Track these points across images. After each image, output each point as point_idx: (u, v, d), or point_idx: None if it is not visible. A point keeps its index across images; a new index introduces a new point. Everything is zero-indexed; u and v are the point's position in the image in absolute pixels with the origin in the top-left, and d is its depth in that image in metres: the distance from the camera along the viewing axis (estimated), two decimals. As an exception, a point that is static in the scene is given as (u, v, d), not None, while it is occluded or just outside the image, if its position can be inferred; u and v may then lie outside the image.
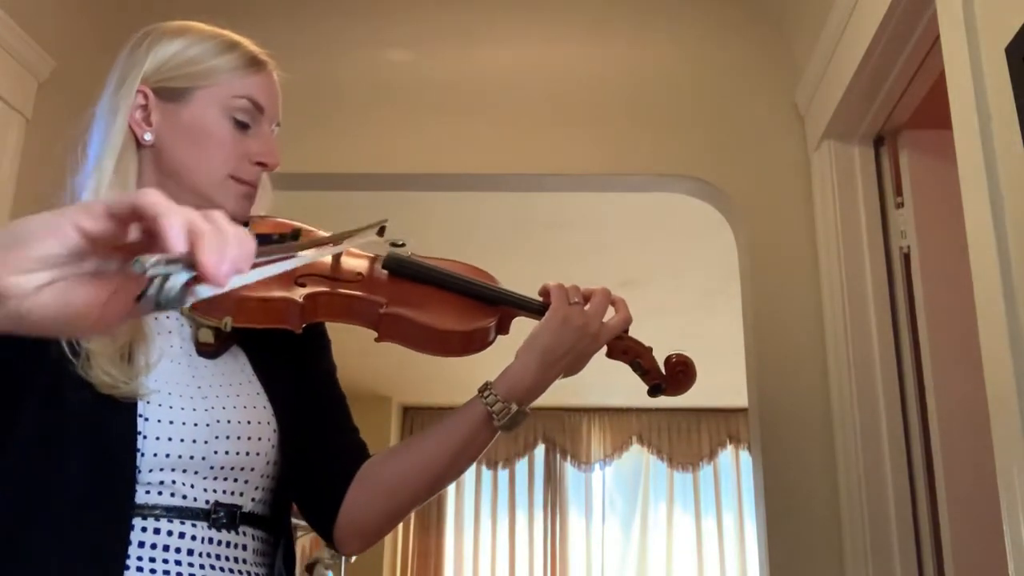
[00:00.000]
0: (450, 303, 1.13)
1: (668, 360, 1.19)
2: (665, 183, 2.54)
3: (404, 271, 1.16)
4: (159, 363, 1.01)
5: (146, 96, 1.08)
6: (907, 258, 2.14)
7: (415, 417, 6.70)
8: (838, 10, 2.11)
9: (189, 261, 0.56)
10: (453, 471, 1.15)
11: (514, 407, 1.10)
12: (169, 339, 1.05)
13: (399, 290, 1.13)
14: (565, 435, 6.78)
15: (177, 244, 0.56)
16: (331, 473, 1.16)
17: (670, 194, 2.60)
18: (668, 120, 2.51)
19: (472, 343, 1.12)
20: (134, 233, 0.59)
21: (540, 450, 6.80)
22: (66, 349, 0.96)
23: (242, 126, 1.09)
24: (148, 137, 1.08)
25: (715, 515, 6.60)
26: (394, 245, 1.18)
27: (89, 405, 0.95)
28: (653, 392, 1.19)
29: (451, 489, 6.64)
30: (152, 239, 0.58)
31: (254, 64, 1.12)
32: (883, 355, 2.12)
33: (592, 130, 2.50)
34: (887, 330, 2.14)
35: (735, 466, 6.67)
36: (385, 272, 1.15)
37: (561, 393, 1.19)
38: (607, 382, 6.36)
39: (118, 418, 0.96)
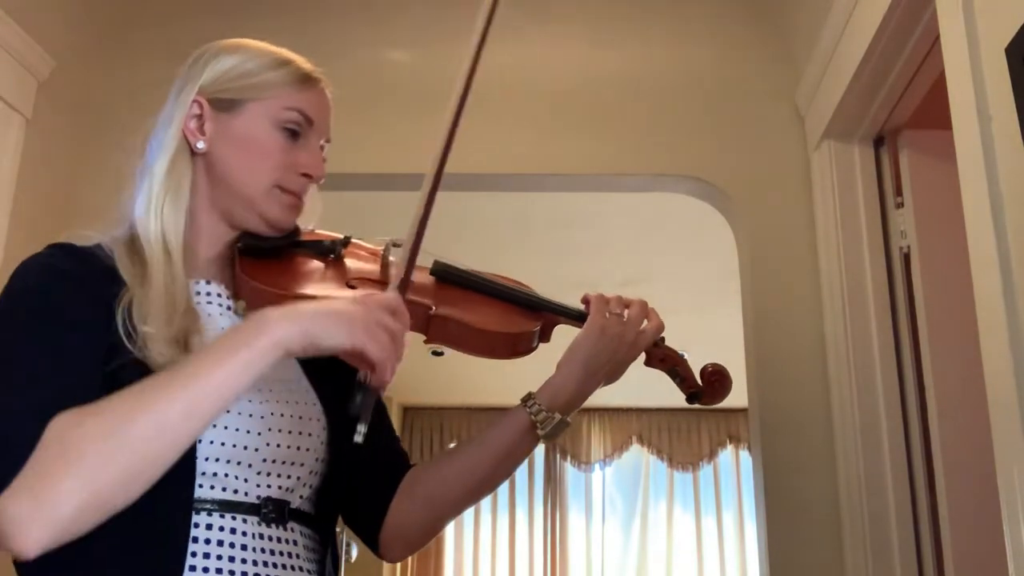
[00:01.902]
0: (495, 308, 1.18)
1: (704, 370, 1.24)
2: (665, 183, 2.54)
3: (450, 278, 1.20)
4: None
5: (201, 106, 1.12)
6: (907, 258, 2.14)
7: (415, 417, 6.70)
8: (838, 10, 2.11)
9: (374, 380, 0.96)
10: (494, 480, 1.20)
11: (557, 416, 1.15)
12: (221, 333, 1.07)
13: (446, 295, 1.17)
14: (565, 435, 6.78)
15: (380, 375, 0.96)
16: (377, 481, 1.19)
17: (670, 194, 2.60)
18: (668, 120, 2.51)
19: (517, 346, 1.16)
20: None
21: (540, 450, 6.79)
22: (123, 336, 0.97)
23: (291, 138, 1.13)
24: (201, 145, 1.12)
25: (715, 515, 6.60)
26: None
27: None
28: (691, 399, 1.25)
29: (451, 489, 6.63)
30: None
31: (306, 80, 1.16)
32: (883, 355, 2.12)
33: (592, 130, 2.50)
34: (887, 330, 2.14)
35: (735, 466, 6.67)
36: (432, 278, 1.19)
37: None
38: (607, 382, 6.36)
39: None
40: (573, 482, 6.77)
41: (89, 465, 0.84)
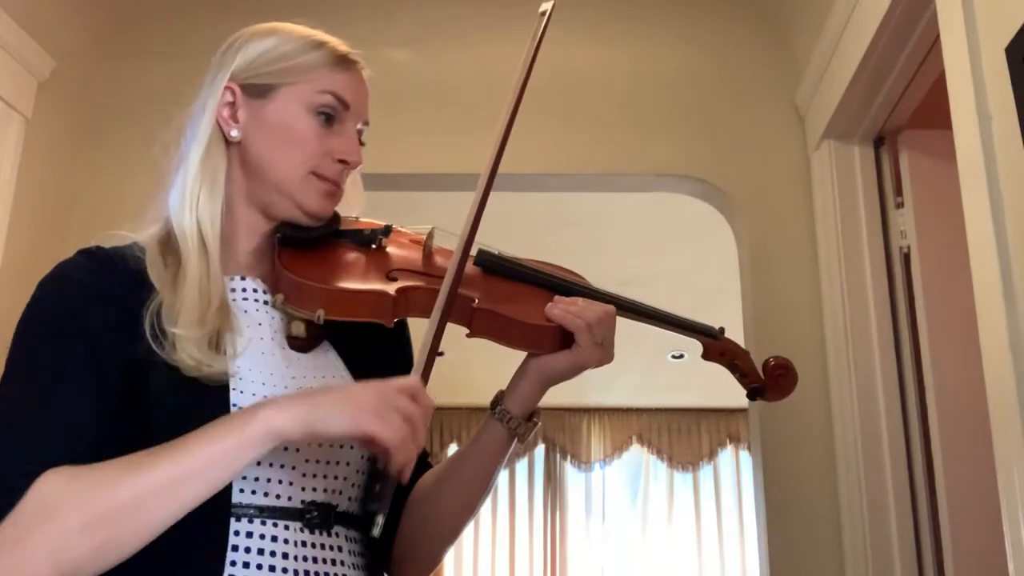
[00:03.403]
0: (543, 300, 1.10)
1: (766, 363, 1.19)
2: (665, 183, 2.54)
3: (497, 268, 1.15)
4: (247, 352, 0.99)
5: (234, 93, 1.08)
6: (907, 258, 2.14)
7: (415, 417, 6.69)
8: (838, 10, 2.11)
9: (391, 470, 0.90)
10: (487, 491, 1.16)
11: (536, 422, 1.13)
12: (260, 331, 1.04)
13: (492, 286, 1.11)
14: (565, 435, 6.78)
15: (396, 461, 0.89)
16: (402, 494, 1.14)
17: (670, 194, 2.60)
18: (668, 120, 2.51)
19: (565, 340, 1.09)
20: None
21: (540, 450, 6.80)
22: (150, 341, 0.95)
23: (326, 123, 1.09)
24: (235, 134, 1.08)
25: (715, 515, 6.60)
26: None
27: (177, 392, 0.94)
28: (752, 396, 1.20)
29: (451, 489, 6.64)
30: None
31: (342, 62, 1.11)
32: (883, 355, 2.12)
33: (592, 130, 2.50)
34: (887, 330, 2.14)
35: (735, 466, 6.66)
36: (478, 269, 1.14)
37: (561, 393, 1.18)
38: (607, 382, 6.36)
39: (210, 407, 0.94)
40: (573, 482, 6.77)
41: (64, 532, 0.82)
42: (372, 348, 1.11)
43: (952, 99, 1.53)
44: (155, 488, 0.84)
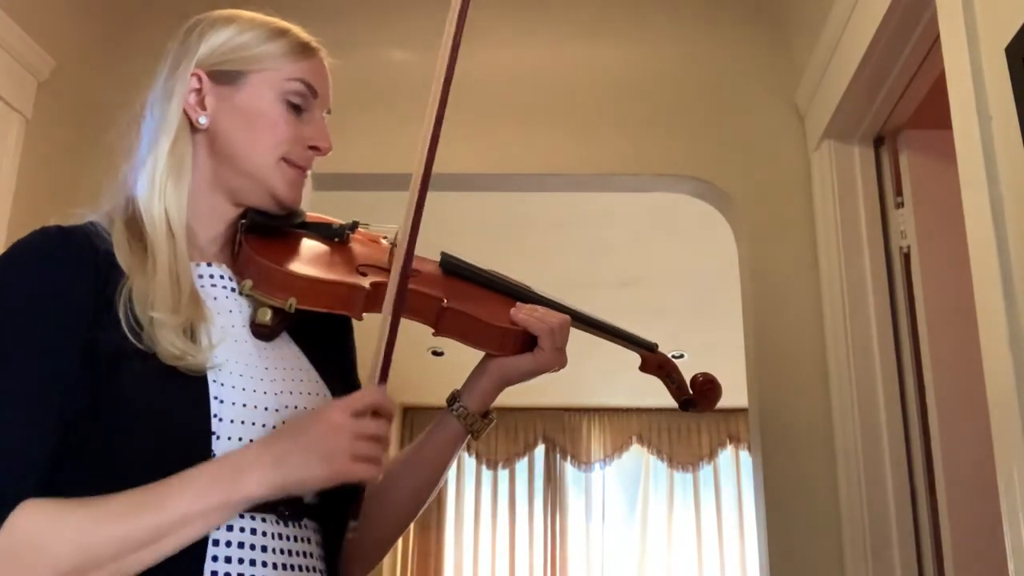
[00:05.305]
0: (504, 304, 1.17)
1: (694, 379, 1.28)
2: (665, 183, 2.54)
3: (459, 271, 1.20)
4: (223, 342, 0.99)
5: (200, 80, 1.09)
6: (907, 258, 2.15)
7: (415, 417, 6.69)
8: (838, 10, 2.11)
9: None
10: (438, 486, 1.21)
11: (493, 419, 1.19)
12: (231, 318, 1.04)
13: (455, 288, 1.16)
14: (565, 435, 6.78)
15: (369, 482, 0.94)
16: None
17: (670, 194, 2.60)
18: (668, 120, 2.51)
19: (527, 343, 1.16)
20: None
21: (540, 450, 6.80)
22: (125, 329, 0.94)
23: (296, 110, 1.10)
24: (203, 121, 1.08)
25: (715, 515, 6.60)
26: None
27: (157, 383, 0.93)
28: (683, 406, 1.29)
29: (451, 489, 6.64)
30: None
31: (305, 49, 1.13)
32: (883, 355, 2.12)
33: (592, 130, 2.50)
34: (887, 330, 2.14)
35: (735, 466, 6.66)
36: (440, 272, 1.20)
37: (561, 393, 1.22)
38: (607, 382, 6.36)
39: (190, 400, 0.94)
40: (573, 482, 6.77)
41: (55, 570, 0.84)
42: (324, 345, 1.13)
43: (952, 99, 1.53)
44: (138, 539, 0.86)
